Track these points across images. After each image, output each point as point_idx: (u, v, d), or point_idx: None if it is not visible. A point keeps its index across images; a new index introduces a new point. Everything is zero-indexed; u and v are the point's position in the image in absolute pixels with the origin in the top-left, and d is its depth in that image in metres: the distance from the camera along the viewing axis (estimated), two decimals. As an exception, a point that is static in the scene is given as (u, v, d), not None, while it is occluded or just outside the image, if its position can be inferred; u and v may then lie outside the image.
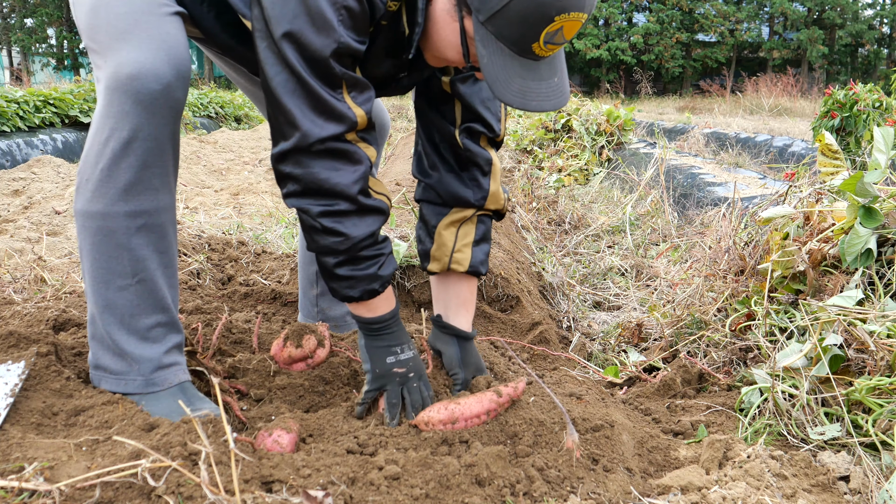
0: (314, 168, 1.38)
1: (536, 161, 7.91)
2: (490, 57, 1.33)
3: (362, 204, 1.42)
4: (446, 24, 1.41)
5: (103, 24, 1.43)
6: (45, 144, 6.89)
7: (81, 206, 1.46)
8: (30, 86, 13.06)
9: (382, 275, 1.49)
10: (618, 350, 2.51)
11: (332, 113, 1.36)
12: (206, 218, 3.95)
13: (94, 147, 1.43)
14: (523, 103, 1.36)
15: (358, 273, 1.46)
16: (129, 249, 1.46)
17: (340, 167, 1.39)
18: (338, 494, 1.15)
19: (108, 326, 1.49)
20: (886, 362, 1.56)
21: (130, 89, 1.37)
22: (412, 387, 1.56)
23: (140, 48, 1.39)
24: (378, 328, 1.56)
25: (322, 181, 1.38)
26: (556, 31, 1.30)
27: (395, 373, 1.55)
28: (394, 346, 1.57)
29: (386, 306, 1.56)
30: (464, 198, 1.73)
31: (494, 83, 1.34)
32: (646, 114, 16.80)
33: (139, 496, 1.09)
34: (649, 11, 37.14)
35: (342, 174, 1.39)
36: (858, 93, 5.99)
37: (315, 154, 1.38)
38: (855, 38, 35.65)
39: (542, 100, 1.37)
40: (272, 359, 1.82)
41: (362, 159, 1.42)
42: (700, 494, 1.29)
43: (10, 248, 3.29)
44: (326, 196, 1.40)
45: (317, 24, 1.32)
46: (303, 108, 1.35)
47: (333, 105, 1.36)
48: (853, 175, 1.81)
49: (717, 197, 5.09)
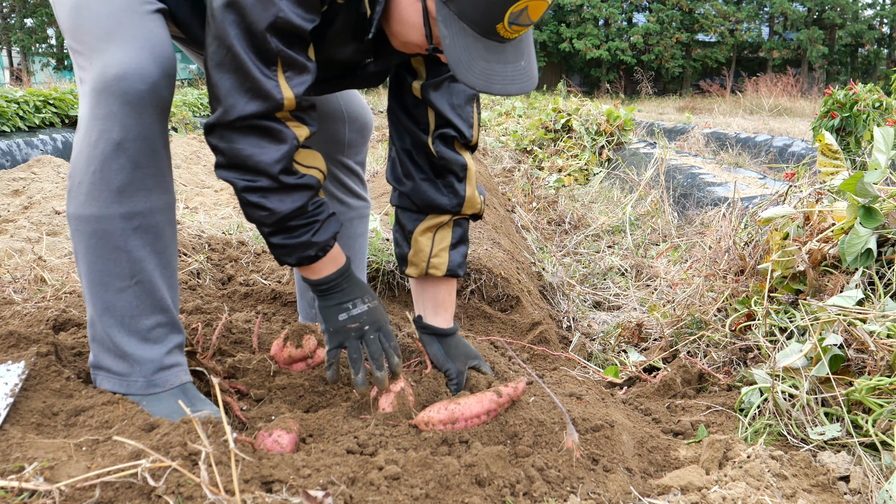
0: (237, 144, 1.36)
1: (536, 161, 7.91)
2: (452, 38, 1.30)
3: (284, 182, 1.38)
4: (409, 4, 1.38)
5: (86, 24, 1.42)
6: (45, 144, 6.89)
7: (75, 210, 1.45)
8: (30, 86, 13.06)
9: (317, 241, 1.46)
10: (618, 350, 2.51)
11: (257, 91, 1.33)
12: (206, 218, 3.95)
13: (84, 150, 1.41)
14: (486, 86, 1.32)
15: (291, 241, 1.45)
16: (126, 251, 1.45)
17: (264, 145, 1.37)
18: (338, 494, 1.15)
19: (108, 329, 1.49)
20: (886, 362, 1.56)
21: (117, 90, 1.36)
22: (370, 339, 1.54)
23: (125, 48, 1.37)
24: (326, 288, 1.55)
25: (244, 158, 1.36)
26: (521, 10, 1.27)
27: (349, 328, 1.54)
28: (345, 303, 1.55)
29: (331, 267, 1.53)
30: (439, 205, 1.72)
31: (457, 65, 1.30)
32: (646, 114, 16.80)
33: (139, 496, 1.09)
34: (649, 11, 37.15)
35: (264, 152, 1.36)
36: (858, 93, 5.99)
37: (238, 130, 1.35)
38: (855, 38, 35.66)
39: (507, 83, 1.34)
40: (272, 359, 1.82)
41: (287, 138, 1.38)
42: (700, 494, 1.29)
43: (10, 248, 3.29)
44: (249, 172, 1.37)
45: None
46: (228, 84, 1.33)
47: (261, 83, 1.32)
48: (853, 175, 1.81)
49: (717, 197, 5.09)
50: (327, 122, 1.97)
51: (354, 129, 2.01)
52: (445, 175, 1.71)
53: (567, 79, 24.25)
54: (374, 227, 2.83)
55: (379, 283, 2.67)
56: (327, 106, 1.96)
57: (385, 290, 2.68)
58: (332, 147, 2.00)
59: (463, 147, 1.71)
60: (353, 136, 2.01)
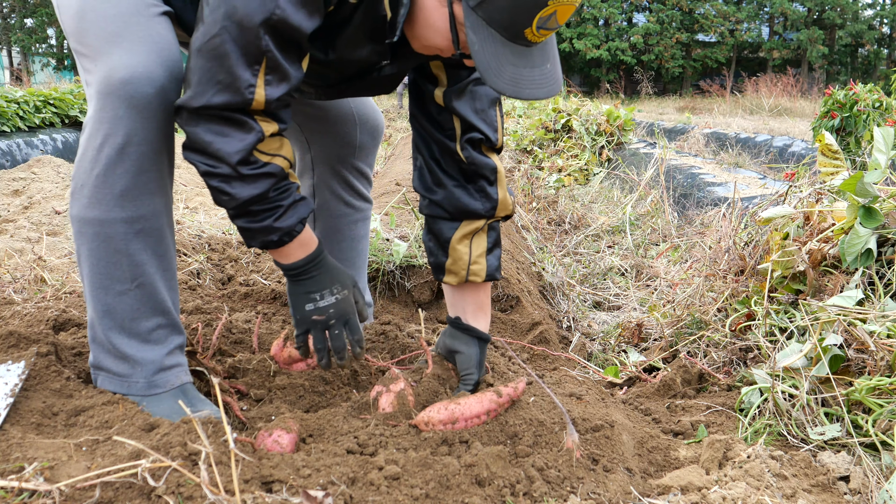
0: (199, 129, 1.34)
1: (536, 161, 7.91)
2: (481, 44, 1.29)
3: (242, 173, 1.36)
4: (434, 9, 1.37)
5: (91, 27, 1.41)
6: (45, 144, 6.89)
7: (78, 212, 1.44)
8: (30, 86, 13.06)
9: (279, 226, 1.43)
10: (618, 350, 2.51)
11: (229, 85, 1.30)
12: (206, 218, 3.95)
13: (88, 153, 1.41)
14: (516, 91, 1.32)
15: (253, 225, 1.43)
16: (128, 255, 1.45)
17: (227, 133, 1.34)
18: (338, 494, 1.15)
19: (107, 331, 1.48)
20: (886, 362, 1.56)
21: (124, 94, 1.35)
22: (334, 333, 1.55)
23: (132, 51, 1.37)
24: (294, 274, 1.54)
25: (205, 144, 1.34)
26: (550, 15, 1.27)
27: (314, 320, 1.54)
28: (313, 293, 1.54)
29: (300, 252, 1.51)
30: (473, 210, 1.70)
31: (486, 71, 1.30)
32: (646, 114, 16.80)
33: (139, 496, 1.09)
34: (649, 11, 37.16)
35: (226, 141, 1.34)
36: (858, 93, 5.99)
37: (202, 117, 1.33)
38: (855, 38, 35.67)
39: (536, 87, 1.34)
40: (272, 359, 1.82)
41: (252, 130, 1.36)
42: (700, 494, 1.29)
43: (10, 248, 3.29)
44: (210, 157, 1.36)
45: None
46: (203, 71, 1.30)
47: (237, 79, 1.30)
48: (853, 175, 1.81)
49: (717, 197, 5.09)
50: (339, 125, 1.97)
51: (366, 132, 2.01)
52: (476, 180, 1.69)
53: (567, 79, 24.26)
54: (374, 227, 2.83)
55: (379, 283, 2.67)
56: (339, 109, 1.96)
57: (385, 290, 2.68)
58: (344, 150, 2.00)
59: (490, 150, 1.70)
60: (364, 139, 2.01)
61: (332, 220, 2.06)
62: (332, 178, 2.02)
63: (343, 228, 2.08)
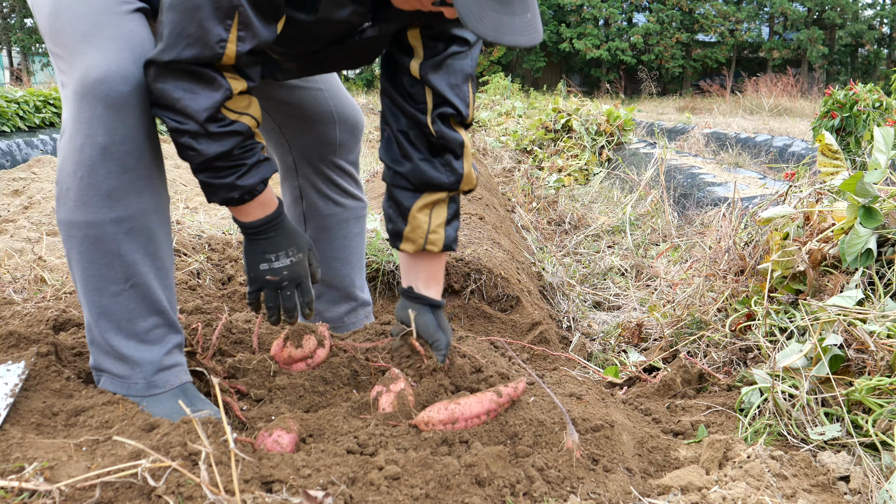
0: (168, 85, 1.34)
1: (536, 161, 7.91)
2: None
3: (209, 130, 1.37)
4: None
5: (65, 27, 1.40)
6: (45, 144, 6.89)
7: (65, 216, 1.43)
8: (30, 86, 13.05)
9: (242, 184, 1.44)
10: (618, 350, 2.51)
11: (200, 38, 1.31)
12: (206, 218, 3.95)
13: (70, 156, 1.40)
14: (497, 37, 1.31)
15: (215, 181, 1.44)
16: (119, 255, 1.44)
17: (195, 90, 1.35)
18: (338, 494, 1.15)
19: (105, 333, 1.48)
20: (886, 362, 1.56)
21: (99, 93, 1.34)
22: (286, 294, 1.58)
23: (104, 50, 1.36)
24: (252, 233, 1.56)
25: (174, 100, 1.35)
26: None
27: (267, 280, 1.57)
28: (269, 253, 1.56)
29: (259, 212, 1.53)
30: (439, 183, 1.72)
31: (468, 16, 1.29)
32: (646, 114, 16.80)
33: (139, 496, 1.09)
34: (649, 11, 37.14)
35: (194, 98, 1.34)
36: (858, 93, 5.99)
37: (171, 72, 1.34)
38: (855, 38, 35.65)
39: (517, 34, 1.33)
40: (272, 359, 1.82)
41: (220, 88, 1.36)
42: (700, 494, 1.29)
43: (10, 248, 3.29)
44: (177, 114, 1.36)
45: None
46: (174, 25, 1.30)
47: (207, 32, 1.30)
48: (853, 175, 1.81)
49: (717, 197, 5.09)
50: (318, 124, 1.97)
51: (346, 130, 2.01)
52: (444, 153, 1.71)
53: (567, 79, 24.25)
54: (374, 227, 2.83)
55: (379, 284, 2.67)
56: (317, 108, 1.96)
57: (385, 290, 2.68)
58: (324, 148, 2.00)
59: (459, 125, 1.71)
60: (344, 137, 2.01)
61: (321, 220, 2.06)
62: (317, 177, 2.03)
63: (333, 228, 2.08)
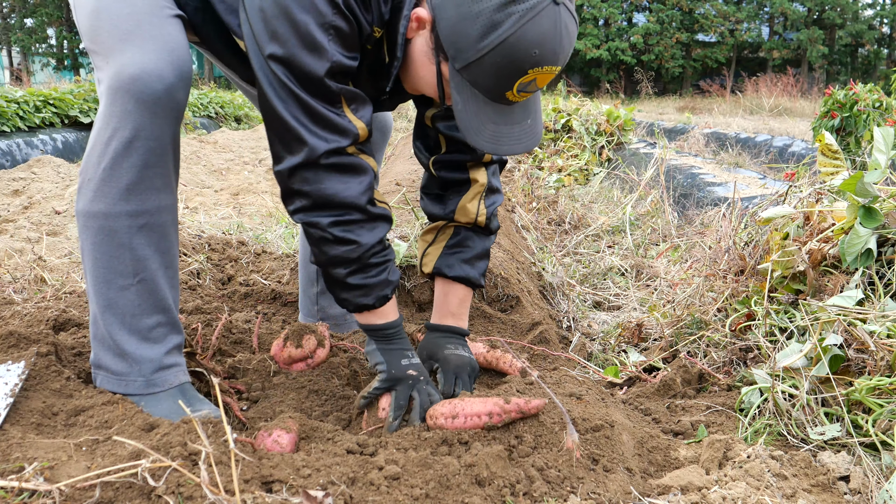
0: (324, 183, 1.42)
1: (536, 161, 7.91)
2: (464, 103, 1.38)
3: (371, 213, 1.46)
4: (423, 64, 1.46)
5: (106, 25, 1.44)
6: (45, 144, 6.89)
7: (83, 206, 1.46)
8: (30, 86, 13.05)
9: (392, 280, 1.53)
10: (618, 350, 2.50)
11: (334, 127, 1.40)
12: (206, 218, 3.95)
13: (97, 147, 1.43)
14: (495, 148, 1.42)
15: (370, 281, 1.50)
16: (131, 249, 1.46)
17: (348, 180, 1.43)
18: (338, 494, 1.15)
19: (109, 326, 1.49)
20: (886, 362, 1.56)
21: (133, 90, 1.38)
22: (422, 388, 1.58)
23: (143, 49, 1.40)
24: (391, 334, 1.60)
25: (332, 195, 1.42)
26: (530, 81, 1.36)
27: (409, 374, 1.58)
28: (407, 350, 1.61)
29: (394, 313, 1.60)
30: (435, 213, 1.85)
31: (467, 130, 1.39)
32: (646, 114, 16.79)
33: (139, 496, 1.09)
34: (649, 11, 37.13)
35: (351, 186, 1.43)
36: (858, 93, 5.99)
37: (323, 168, 1.41)
38: (855, 38, 35.64)
39: (514, 143, 1.43)
40: (272, 359, 1.82)
41: (367, 169, 1.46)
42: (700, 494, 1.29)
43: (10, 248, 3.29)
44: (337, 208, 1.43)
45: (308, 47, 1.35)
46: (306, 124, 1.38)
47: (335, 120, 1.40)
48: (853, 175, 1.81)
49: (717, 197, 5.09)
50: None
51: (376, 128, 2.06)
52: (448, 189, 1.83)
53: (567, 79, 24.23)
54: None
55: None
56: None
57: (385, 290, 2.68)
58: None
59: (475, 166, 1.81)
60: (374, 135, 2.06)
61: None
62: None
63: None
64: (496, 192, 1.86)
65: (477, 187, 1.82)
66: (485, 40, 1.31)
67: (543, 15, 1.29)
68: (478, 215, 1.82)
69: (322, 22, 1.34)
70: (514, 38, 1.29)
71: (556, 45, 1.33)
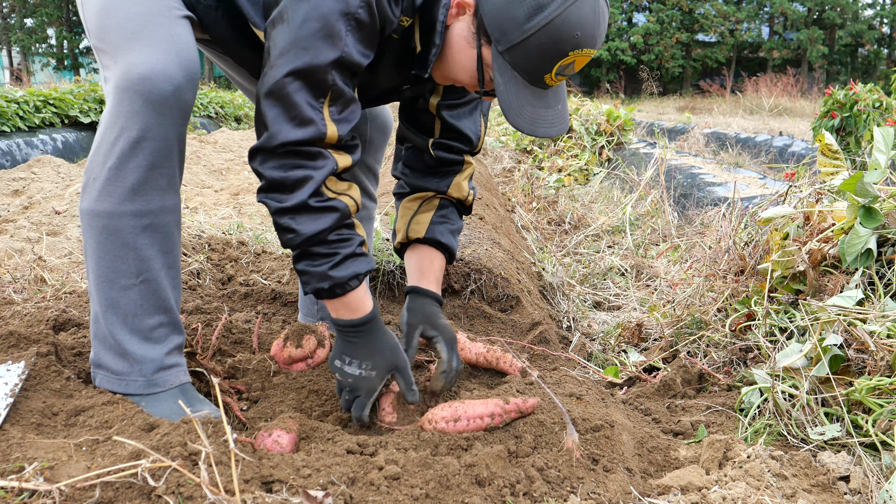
0: (274, 170, 1.41)
1: (536, 161, 7.91)
2: (506, 85, 1.42)
3: (310, 205, 1.42)
4: (463, 49, 1.48)
5: (114, 24, 1.44)
6: (45, 144, 6.89)
7: (88, 205, 1.46)
8: (30, 86, 13.05)
9: (334, 275, 1.46)
10: (618, 350, 2.50)
11: (302, 120, 1.38)
12: (206, 218, 3.94)
13: (103, 146, 1.43)
14: (532, 129, 1.46)
15: (311, 269, 1.47)
16: (135, 249, 1.46)
17: (303, 165, 1.41)
18: (338, 494, 1.15)
19: (111, 326, 1.49)
20: (886, 362, 1.56)
21: (141, 90, 1.38)
22: (345, 398, 1.58)
23: (151, 49, 1.40)
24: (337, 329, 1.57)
25: (282, 180, 1.40)
26: (569, 64, 1.41)
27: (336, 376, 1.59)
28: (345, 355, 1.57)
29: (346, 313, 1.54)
30: (427, 187, 1.88)
31: (508, 110, 1.43)
32: (646, 114, 16.79)
33: (139, 496, 1.09)
34: (649, 11, 37.13)
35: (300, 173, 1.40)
36: (858, 93, 5.99)
37: (276, 156, 1.40)
38: (855, 38, 35.64)
39: (548, 126, 1.48)
40: (272, 359, 1.82)
41: (324, 165, 1.42)
42: (700, 494, 1.29)
43: (10, 248, 3.29)
44: (284, 192, 1.41)
45: (325, 31, 1.35)
46: (275, 112, 1.38)
47: (306, 113, 1.38)
48: (853, 175, 1.81)
49: (717, 197, 5.09)
50: None
51: (376, 128, 2.06)
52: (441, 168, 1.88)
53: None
54: (375, 226, 2.83)
55: (379, 283, 2.67)
56: None
57: (385, 290, 2.68)
58: None
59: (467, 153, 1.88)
60: (374, 134, 2.07)
61: None
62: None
63: None
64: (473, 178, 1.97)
65: (470, 169, 1.90)
66: (531, 21, 1.35)
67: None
68: (468, 194, 1.91)
69: (346, 11, 1.35)
70: (558, 20, 1.34)
71: (595, 28, 1.38)
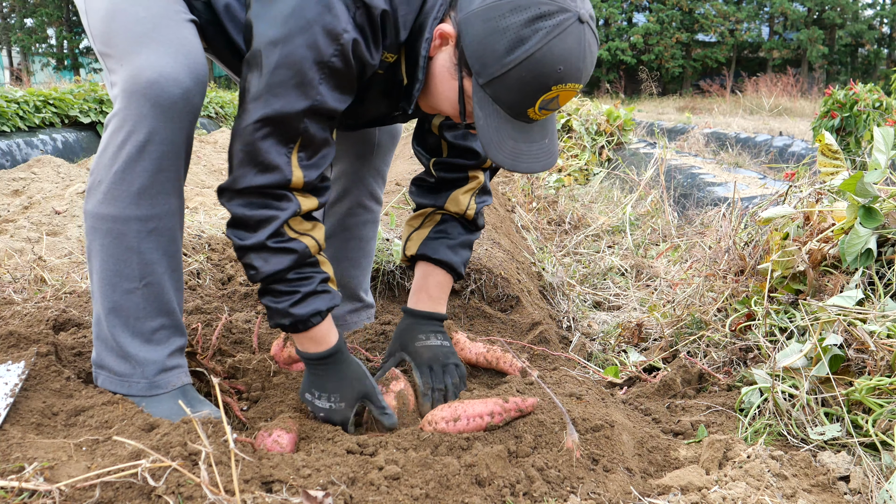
0: (243, 207, 1.41)
1: (536, 161, 7.89)
2: (486, 119, 1.38)
3: (268, 245, 1.42)
4: (445, 80, 1.45)
5: (121, 28, 1.43)
6: (45, 144, 6.89)
7: (93, 208, 1.46)
8: (30, 86, 13.05)
9: (294, 313, 1.46)
10: (618, 350, 2.50)
11: (267, 167, 1.38)
12: (206, 218, 3.94)
13: (110, 149, 1.43)
14: (513, 165, 1.41)
15: (272, 305, 1.48)
16: (139, 253, 1.46)
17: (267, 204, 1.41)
18: (338, 494, 1.15)
19: (112, 329, 1.49)
20: (886, 362, 1.56)
21: (150, 93, 1.37)
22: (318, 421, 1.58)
23: (160, 53, 1.39)
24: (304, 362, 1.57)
25: (245, 219, 1.41)
26: (552, 98, 1.36)
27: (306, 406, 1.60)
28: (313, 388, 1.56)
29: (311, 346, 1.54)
30: (423, 203, 1.86)
31: (488, 145, 1.39)
32: (646, 114, 16.79)
33: (139, 496, 1.09)
34: (649, 11, 37.12)
35: (262, 213, 1.41)
36: (858, 93, 6.00)
37: (239, 195, 1.41)
38: (855, 38, 35.63)
39: (532, 161, 1.42)
40: (272, 359, 1.82)
41: (287, 207, 1.42)
42: (700, 494, 1.29)
43: (10, 248, 3.29)
44: (245, 230, 1.43)
45: (297, 79, 1.34)
46: (242, 157, 1.38)
47: (271, 160, 1.38)
48: (853, 175, 1.81)
49: (717, 197, 5.09)
50: None
51: (385, 131, 2.06)
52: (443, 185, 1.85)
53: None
54: (375, 227, 2.83)
55: (379, 283, 2.67)
56: None
57: (385, 290, 2.68)
58: (364, 147, 2.05)
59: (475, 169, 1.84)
60: (383, 138, 2.06)
61: (343, 219, 2.10)
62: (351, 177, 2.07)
63: (352, 228, 2.13)
64: (488, 193, 1.89)
65: (473, 183, 1.85)
66: (511, 55, 1.30)
67: (569, 32, 1.29)
68: (467, 208, 1.85)
69: (319, 60, 1.34)
70: (540, 53, 1.29)
71: (579, 62, 1.33)
